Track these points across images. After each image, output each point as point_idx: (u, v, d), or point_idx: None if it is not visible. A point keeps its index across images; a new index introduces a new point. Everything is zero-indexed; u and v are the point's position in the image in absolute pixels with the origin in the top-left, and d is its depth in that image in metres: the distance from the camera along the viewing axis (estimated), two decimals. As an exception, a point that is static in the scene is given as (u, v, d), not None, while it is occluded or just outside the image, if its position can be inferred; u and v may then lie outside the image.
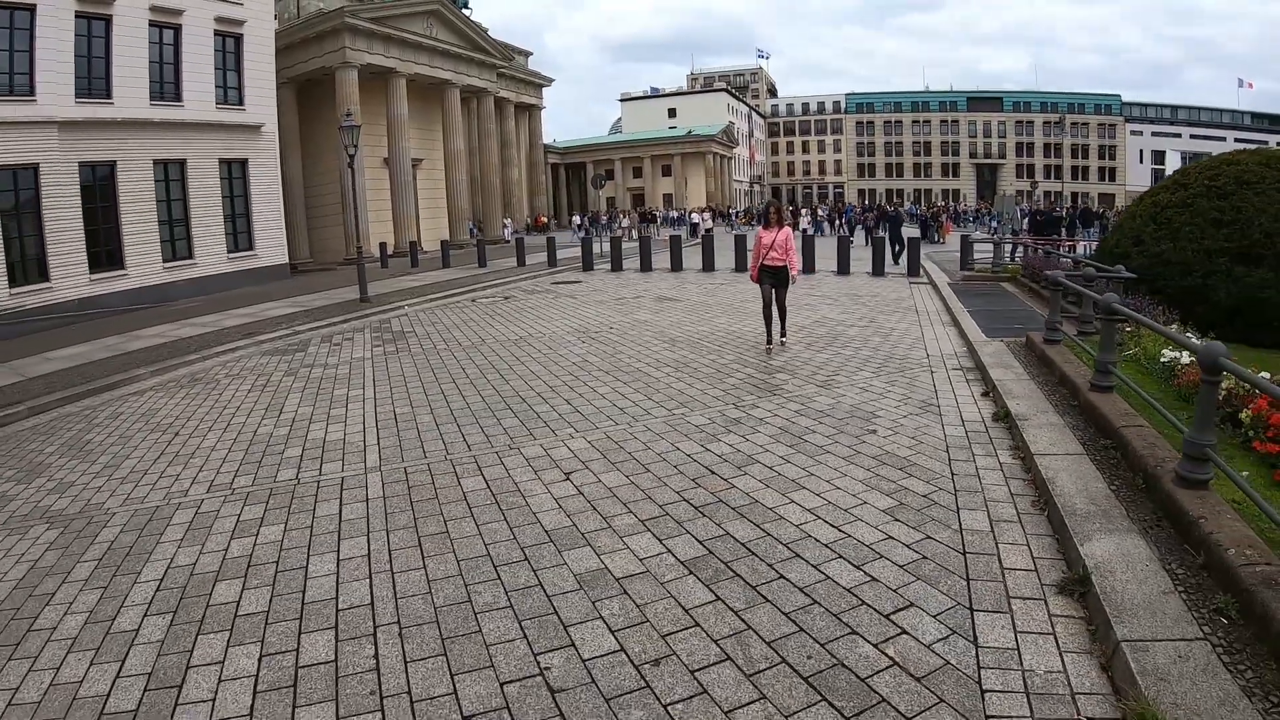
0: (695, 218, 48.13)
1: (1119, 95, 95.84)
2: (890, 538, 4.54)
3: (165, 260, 24.95)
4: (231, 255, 27.25)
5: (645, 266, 24.26)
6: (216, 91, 26.34)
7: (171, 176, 25.30)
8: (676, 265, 23.86)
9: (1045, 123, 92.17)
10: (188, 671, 3.76)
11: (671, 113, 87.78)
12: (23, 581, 5.06)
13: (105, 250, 23.27)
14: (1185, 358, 6.72)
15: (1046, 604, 3.80)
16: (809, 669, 3.34)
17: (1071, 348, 8.56)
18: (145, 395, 10.96)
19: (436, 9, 37.69)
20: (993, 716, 2.99)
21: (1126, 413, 6.06)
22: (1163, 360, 7.27)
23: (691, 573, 4.26)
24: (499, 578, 4.38)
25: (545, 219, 59.48)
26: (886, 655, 3.40)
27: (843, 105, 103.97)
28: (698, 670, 3.37)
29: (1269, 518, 3.76)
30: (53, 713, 3.52)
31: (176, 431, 8.67)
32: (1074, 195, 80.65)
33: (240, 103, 27.30)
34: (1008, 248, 21.06)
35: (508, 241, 40.87)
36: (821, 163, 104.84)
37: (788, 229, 10.66)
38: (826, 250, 23.54)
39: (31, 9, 20.52)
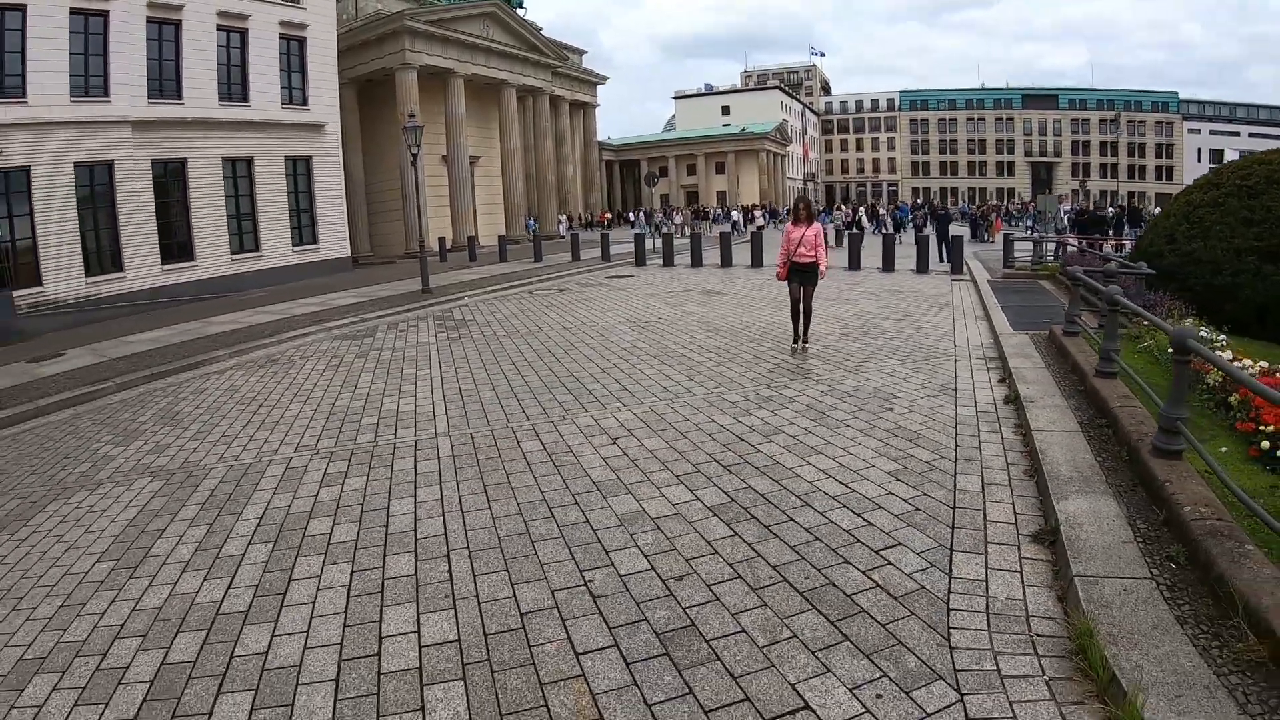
0: (735, 215, 49.06)
1: (1176, 93, 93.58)
2: (890, 494, 5.21)
3: (233, 252, 26.38)
4: (296, 248, 28.61)
5: (696, 262, 24.91)
6: (282, 92, 27.70)
7: (239, 173, 26.69)
8: (726, 261, 24.48)
9: (1101, 121, 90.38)
10: (290, 584, 4.62)
11: (725, 110, 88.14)
12: (134, 521, 5.99)
13: (176, 242, 24.75)
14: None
15: (1019, 549, 4.42)
16: (804, 586, 4.05)
17: (1087, 339, 9.06)
18: (226, 374, 12.01)
19: (492, 11, 38.82)
20: (955, 627, 3.64)
21: (1124, 395, 6.61)
22: (1170, 350, 7.77)
23: (715, 515, 5.01)
24: (553, 516, 5.18)
25: (608, 216, 60.47)
26: (871, 579, 4.10)
27: (897, 103, 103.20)
28: (713, 585, 4.12)
29: (1221, 481, 4.32)
30: (174, 614, 4.39)
31: (260, 403, 9.66)
32: (1129, 194, 79.04)
33: (304, 103, 28.66)
34: (1050, 246, 21.28)
35: (563, 237, 41.85)
36: (875, 160, 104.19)
37: (817, 225, 10.38)
38: (874, 247, 23.97)
39: (105, 15, 21.98)
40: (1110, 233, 24.48)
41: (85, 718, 3.48)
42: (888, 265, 21.13)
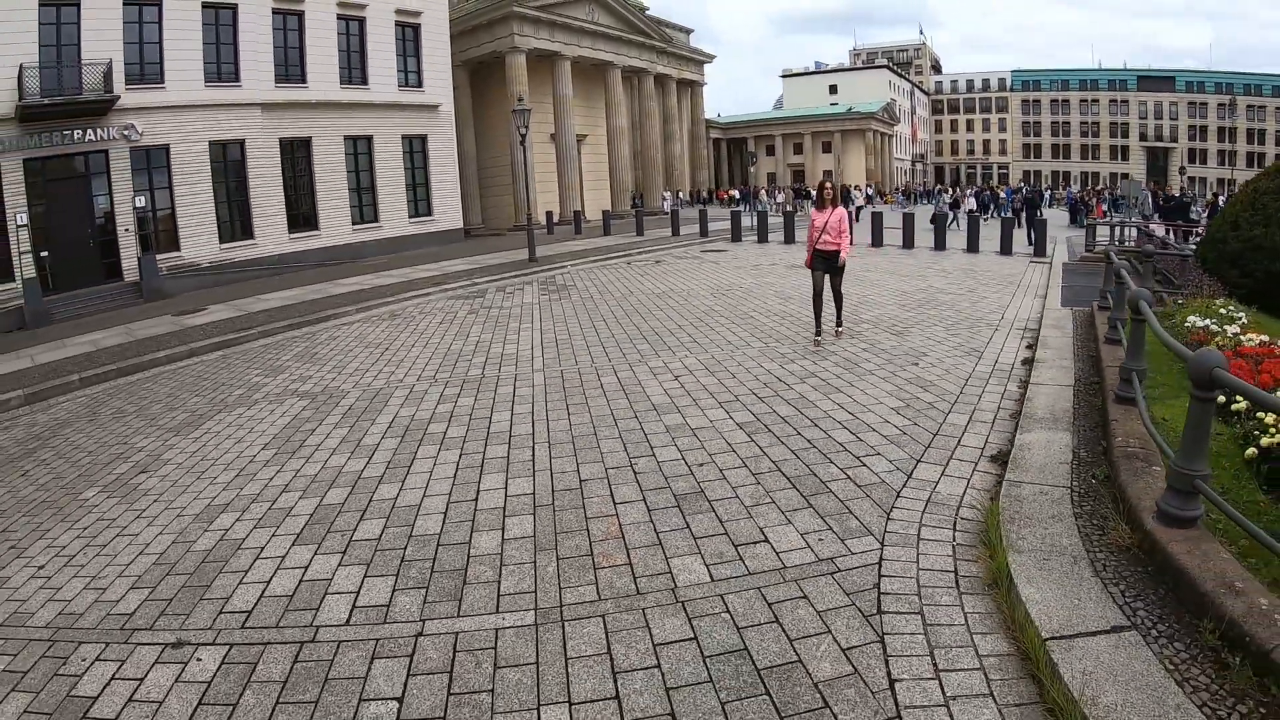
0: (780, 196, 50.16)
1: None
2: (886, 422, 6.45)
3: (354, 223, 28.80)
4: (413, 219, 30.92)
5: (789, 239, 25.93)
6: (398, 75, 29.90)
7: (359, 150, 29.03)
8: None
9: (1219, 105, 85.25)
10: (413, 461, 6.31)
11: (833, 89, 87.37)
12: (288, 425, 7.85)
13: (302, 213, 27.29)
14: (1200, 321, 8.09)
15: (976, 465, 5.56)
16: (792, 474, 5.40)
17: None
18: (354, 325, 14.00)
19: (597, -6, 40.45)
20: (897, 508, 4.85)
21: (1120, 358, 7.61)
22: (1186, 325, 8.63)
23: (740, 428, 6.42)
24: (615, 424, 6.72)
25: (727, 193, 61.33)
26: (845, 474, 5.40)
27: (1008, 83, 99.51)
28: (724, 469, 5.54)
29: (1146, 415, 5.36)
30: (325, 478, 6.12)
31: (386, 347, 11.49)
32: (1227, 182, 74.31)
33: (419, 85, 30.84)
34: (1131, 231, 21.46)
35: (666, 213, 43.28)
36: (986, 142, 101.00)
37: (841, 210, 9.83)
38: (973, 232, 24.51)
39: (234, 8, 24.45)
40: (1195, 219, 24.29)
41: (263, 535, 5.19)
42: (972, 247, 21.68)
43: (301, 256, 26.25)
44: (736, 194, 55.22)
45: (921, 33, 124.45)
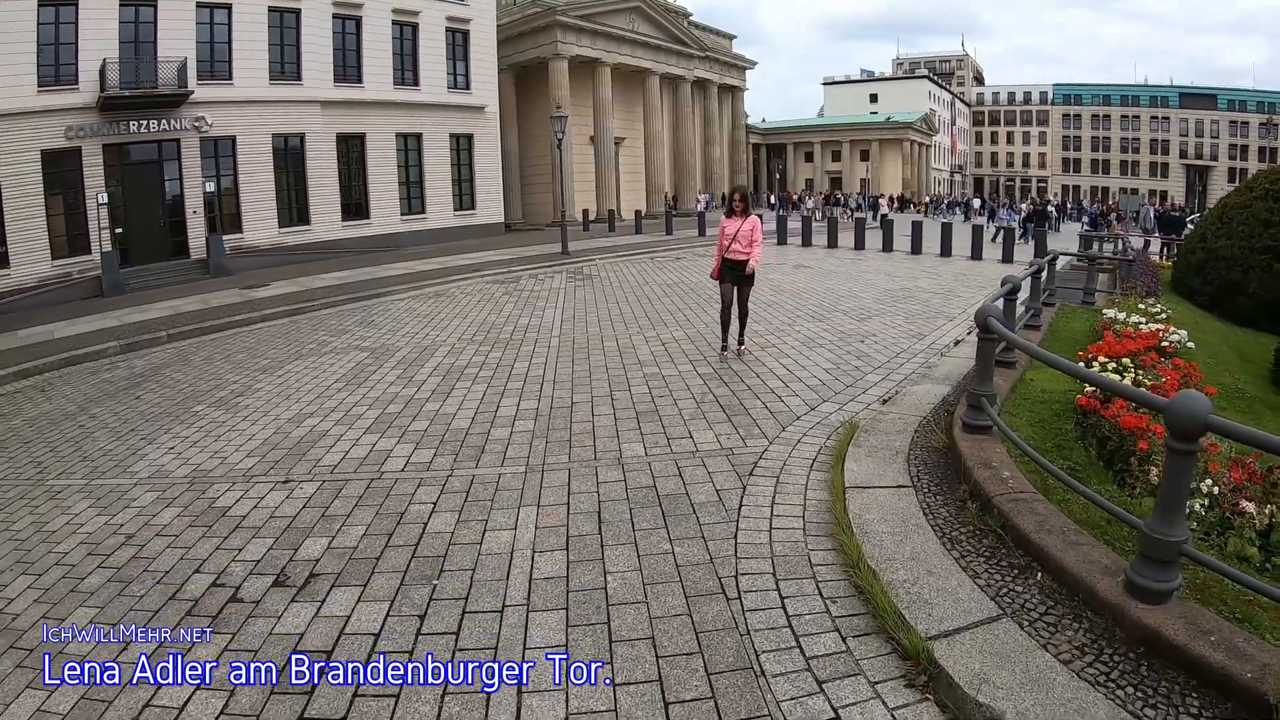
0: (809, 202, 51.87)
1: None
2: (815, 378, 8.24)
3: (402, 214, 31.14)
4: (456, 212, 33.18)
5: (806, 242, 27.55)
6: (447, 78, 32.21)
7: (409, 146, 31.35)
8: (832, 243, 27.08)
9: (1261, 124, 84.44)
10: (451, 390, 8.36)
11: (873, 98, 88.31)
12: (353, 368, 9.97)
13: (354, 202, 29.65)
14: (1112, 314, 9.73)
15: (868, 405, 7.32)
16: (725, 405, 7.30)
17: (1058, 310, 11.64)
18: (404, 300, 16.11)
19: (638, 6, 42.50)
20: (792, 423, 6.70)
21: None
22: (1104, 315, 10.25)
23: (699, 376, 8.34)
24: (606, 371, 8.77)
25: (797, 196, 62.47)
26: (765, 407, 7.26)
27: (1050, 96, 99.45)
28: (677, 399, 7.48)
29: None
30: (385, 399, 8.19)
31: (431, 317, 13.56)
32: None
33: (467, 87, 33.10)
34: (1120, 243, 22.87)
35: (702, 214, 45.13)
36: (1026, 155, 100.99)
37: (754, 219, 9.24)
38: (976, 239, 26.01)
39: (297, 12, 26.90)
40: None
41: (341, 429, 7.26)
42: (976, 254, 23.22)
43: (352, 243, 28.46)
44: (774, 199, 56.68)
45: (963, 45, 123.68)
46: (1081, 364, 6.83)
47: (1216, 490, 4.59)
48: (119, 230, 22.67)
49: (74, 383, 11.20)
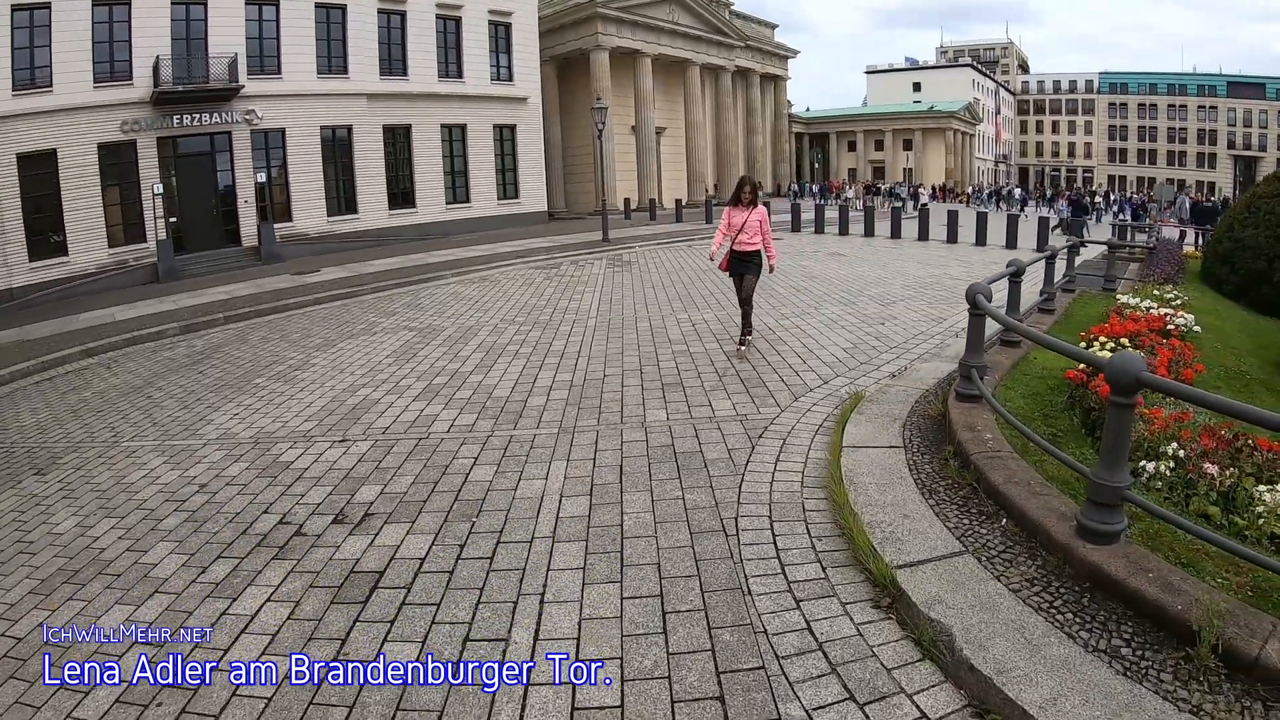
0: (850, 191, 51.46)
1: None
2: (833, 355, 8.71)
3: (447, 203, 31.96)
4: (500, 201, 33.95)
5: (843, 231, 27.84)
6: (490, 70, 32.93)
7: (454, 137, 32.15)
8: (869, 231, 27.35)
9: None
10: (494, 364, 8.99)
11: (916, 86, 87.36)
12: (402, 346, 10.69)
13: (400, 192, 30.56)
14: (1124, 299, 10.10)
15: (879, 380, 7.84)
16: (745, 378, 7.83)
17: (1078, 296, 11.96)
18: (450, 285, 16.85)
19: (677, -4, 42.88)
20: (805, 396, 7.23)
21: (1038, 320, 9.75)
22: (1118, 300, 10.63)
23: (724, 354, 8.86)
24: (638, 349, 9.36)
25: (839, 184, 62.13)
26: (781, 380, 7.78)
27: (1096, 84, 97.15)
28: (701, 373, 8.03)
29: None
30: (432, 372, 8.87)
31: (476, 300, 14.26)
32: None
33: (510, 79, 33.81)
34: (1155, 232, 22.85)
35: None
36: (1071, 145, 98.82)
37: (762, 210, 8.91)
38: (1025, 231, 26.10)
39: (343, 7, 27.85)
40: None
41: (391, 398, 7.96)
42: (1011, 243, 23.37)
43: (399, 231, 29.44)
44: (816, 189, 56.62)
45: (1007, 32, 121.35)
46: (1084, 344, 7.29)
47: (1182, 453, 5.01)
48: (173, 219, 23.88)
49: (138, 360, 12.12)
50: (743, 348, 9.00)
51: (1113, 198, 51.07)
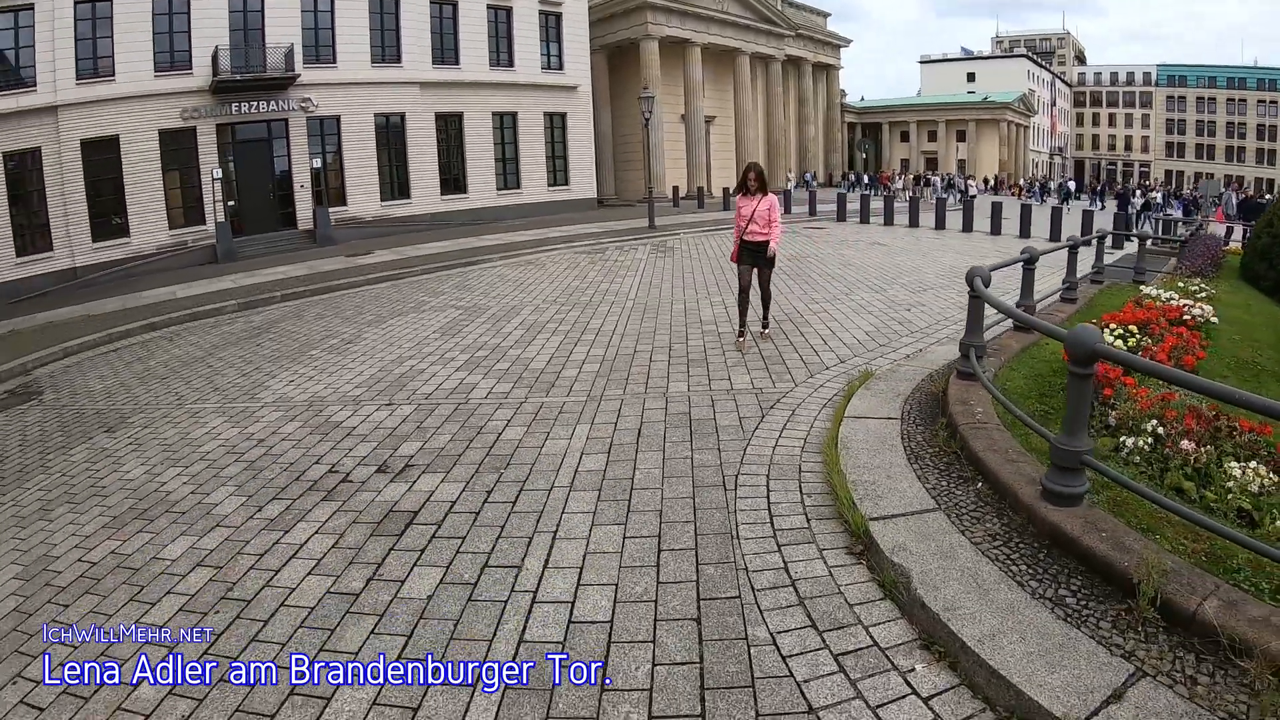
0: (898, 182, 51.27)
1: None
2: (854, 338, 9.08)
3: (498, 189, 32.78)
4: (550, 188, 34.68)
5: (888, 221, 27.88)
6: (541, 59, 33.64)
7: (505, 125, 33.00)
8: (914, 222, 27.35)
9: None
10: (533, 339, 9.61)
11: (970, 77, 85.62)
12: (448, 324, 11.30)
13: (452, 178, 31.47)
14: (1145, 289, 10.29)
15: (894, 361, 8.23)
16: (766, 356, 8.26)
17: (1105, 286, 12.13)
18: (497, 267, 17.50)
19: (728, -14, 43.01)
20: (820, 373, 7.65)
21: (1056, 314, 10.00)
22: (1142, 290, 10.80)
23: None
24: (670, 329, 9.88)
25: (889, 175, 61.26)
26: (800, 358, 8.20)
27: (1154, 77, 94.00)
28: (725, 352, 8.48)
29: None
30: (475, 346, 9.48)
31: (521, 282, 14.88)
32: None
33: (560, 68, 34.50)
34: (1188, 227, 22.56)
35: (788, 192, 45.60)
36: (1128, 138, 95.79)
37: (771, 197, 8.73)
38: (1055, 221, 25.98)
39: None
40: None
41: (436, 368, 8.57)
42: (1055, 235, 23.27)
43: (450, 216, 30.29)
44: (866, 178, 56.16)
45: (1064, 23, 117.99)
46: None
47: (1162, 430, 5.35)
48: (231, 203, 25.04)
49: (198, 334, 12.98)
50: (741, 339, 8.91)
51: (1167, 193, 49.79)
